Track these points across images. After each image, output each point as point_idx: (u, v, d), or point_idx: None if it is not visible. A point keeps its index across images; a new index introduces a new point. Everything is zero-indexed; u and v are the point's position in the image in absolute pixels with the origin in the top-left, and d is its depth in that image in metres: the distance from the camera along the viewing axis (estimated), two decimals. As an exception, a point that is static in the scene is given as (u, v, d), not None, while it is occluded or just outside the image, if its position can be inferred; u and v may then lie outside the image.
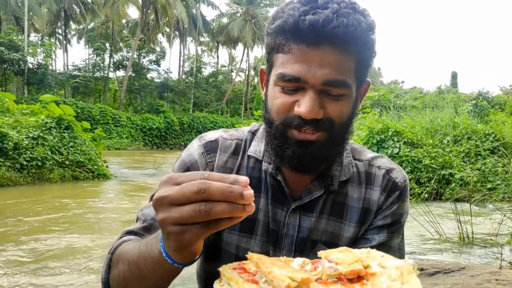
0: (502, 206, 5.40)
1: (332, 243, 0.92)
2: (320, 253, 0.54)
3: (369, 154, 1.00)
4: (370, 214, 0.93)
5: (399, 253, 0.95)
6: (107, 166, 11.71)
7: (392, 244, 0.93)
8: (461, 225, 5.50)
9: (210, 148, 0.97)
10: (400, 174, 0.96)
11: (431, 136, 9.71)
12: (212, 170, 0.94)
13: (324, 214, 0.93)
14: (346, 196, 0.94)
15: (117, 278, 0.77)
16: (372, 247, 0.87)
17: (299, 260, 0.55)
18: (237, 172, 0.94)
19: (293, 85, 0.80)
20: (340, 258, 0.51)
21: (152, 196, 0.93)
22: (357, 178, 0.96)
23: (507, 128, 9.51)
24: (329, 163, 0.91)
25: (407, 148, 9.25)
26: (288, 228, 0.92)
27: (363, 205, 0.94)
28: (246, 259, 0.96)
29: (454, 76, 41.15)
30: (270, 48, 0.84)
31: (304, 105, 0.79)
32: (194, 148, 0.98)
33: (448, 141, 9.45)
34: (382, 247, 0.91)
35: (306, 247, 0.93)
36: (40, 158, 9.80)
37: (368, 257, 0.52)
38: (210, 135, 0.99)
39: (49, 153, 10.07)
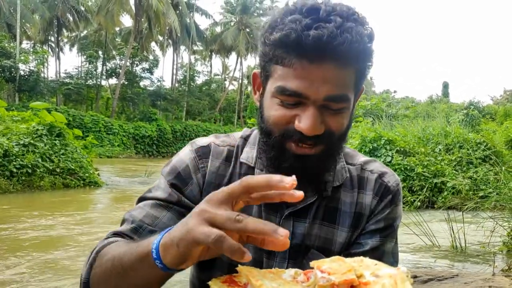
0: (494, 215, 5.43)
1: (325, 249, 0.92)
2: (313, 263, 0.53)
3: (361, 158, 0.99)
4: (363, 219, 0.93)
5: (393, 258, 0.94)
6: (98, 174, 11.61)
7: (385, 249, 0.92)
8: (453, 233, 5.51)
9: (202, 153, 0.95)
10: (392, 178, 0.95)
11: (423, 144, 9.79)
12: (204, 176, 0.93)
13: (317, 219, 0.92)
14: (338, 201, 0.93)
15: (97, 274, 0.74)
16: (365, 251, 0.90)
17: (291, 271, 0.54)
18: (230, 180, 0.93)
19: (294, 99, 0.79)
20: (332, 268, 0.50)
21: (140, 198, 0.93)
22: (349, 183, 0.95)
23: (498, 137, 9.62)
24: (323, 173, 0.91)
25: (400, 156, 9.31)
26: None
27: (355, 209, 0.93)
28: (241, 264, 0.95)
29: (445, 86, 41.64)
30: (268, 58, 0.82)
31: (305, 122, 0.78)
32: (185, 153, 0.96)
33: (440, 150, 9.54)
34: (375, 251, 0.91)
35: (300, 254, 0.92)
36: (30, 166, 9.71)
37: (361, 265, 0.51)
38: (202, 141, 0.98)
39: (40, 160, 9.97)
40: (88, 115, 29.31)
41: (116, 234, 0.85)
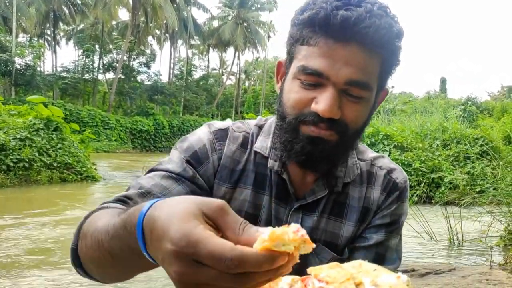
0: (491, 209, 5.47)
1: (331, 243, 0.92)
2: (310, 270, 0.51)
3: (371, 154, 1.00)
4: (370, 213, 0.93)
5: (396, 254, 0.94)
6: (95, 169, 11.58)
7: (389, 244, 0.93)
8: (451, 227, 5.55)
9: (220, 136, 0.94)
10: (400, 175, 0.96)
11: (420, 140, 9.82)
12: (220, 159, 0.92)
13: (325, 213, 0.93)
14: (347, 196, 0.94)
15: (83, 249, 0.66)
16: (369, 245, 0.91)
17: (287, 279, 0.52)
18: (244, 167, 0.93)
19: (314, 79, 0.78)
20: (330, 276, 0.48)
21: (150, 170, 0.90)
22: (358, 178, 0.95)
23: (495, 132, 9.65)
24: (335, 165, 0.90)
25: (397, 151, 9.33)
26: None
27: (363, 204, 0.93)
28: None
29: (443, 81, 41.74)
30: (294, 39, 0.81)
31: (323, 103, 0.77)
32: (203, 132, 0.94)
33: (437, 145, 9.56)
34: (379, 246, 0.91)
35: None
36: (27, 160, 9.66)
37: (360, 271, 0.50)
38: (220, 124, 0.97)
39: (37, 154, 9.94)
40: (85, 109, 29.17)
41: (120, 199, 0.79)
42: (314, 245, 0.44)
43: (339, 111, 0.78)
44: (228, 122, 0.98)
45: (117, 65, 35.25)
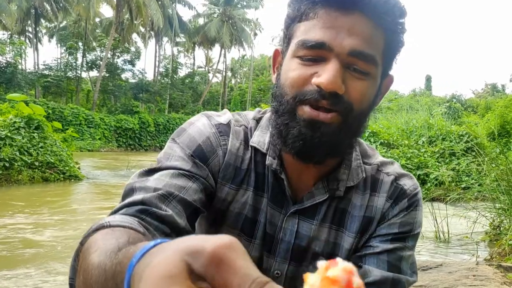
0: (476, 205, 5.51)
1: (333, 254, 0.85)
2: None
3: (379, 158, 0.92)
4: (372, 223, 0.85)
5: (412, 268, 0.85)
6: (79, 168, 11.37)
7: (403, 255, 0.84)
8: (437, 223, 5.57)
9: (224, 130, 0.85)
10: (410, 182, 0.88)
11: (406, 137, 9.90)
12: (224, 155, 0.84)
13: (326, 222, 0.85)
14: (348, 203, 0.86)
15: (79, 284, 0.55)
16: (378, 252, 0.83)
17: None
18: (249, 165, 0.85)
19: (315, 53, 0.72)
20: None
21: (149, 171, 0.78)
22: (362, 184, 0.87)
23: (480, 129, 9.79)
24: (336, 155, 0.81)
25: (384, 148, 9.39)
26: (285, 233, 0.84)
27: (365, 213, 0.85)
28: None
29: (428, 79, 42.32)
30: (291, 19, 0.76)
31: (326, 74, 0.70)
32: (203, 125, 0.85)
33: (423, 142, 9.65)
34: (390, 254, 0.83)
35: (306, 258, 0.85)
36: (8, 159, 9.40)
37: None
38: (221, 118, 0.88)
39: (18, 153, 9.69)
40: (68, 108, 28.67)
41: (133, 204, 0.68)
42: None
43: (343, 86, 0.71)
44: (227, 115, 0.90)
45: (101, 63, 34.76)
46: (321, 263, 0.30)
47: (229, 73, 47.81)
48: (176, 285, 0.30)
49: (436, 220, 5.60)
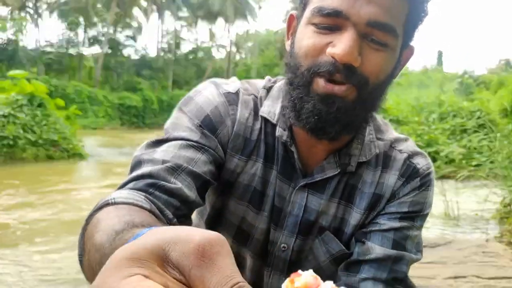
0: (487, 182, 5.47)
1: (339, 230, 0.85)
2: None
3: (392, 134, 0.89)
4: (381, 200, 0.84)
5: (417, 247, 0.85)
6: (83, 146, 11.37)
7: (410, 234, 0.83)
8: (447, 201, 5.52)
9: (232, 100, 0.82)
10: (423, 161, 0.86)
11: (417, 113, 9.79)
12: (233, 125, 0.81)
13: (335, 197, 0.84)
14: (359, 179, 0.84)
15: (85, 264, 0.54)
16: (384, 230, 0.82)
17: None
18: (259, 136, 0.83)
19: (331, 21, 0.68)
20: None
21: (156, 142, 0.76)
22: (374, 160, 0.85)
23: (492, 106, 9.66)
24: (351, 131, 0.79)
25: (393, 125, 9.27)
26: (293, 207, 0.84)
27: (375, 190, 0.84)
28: (249, 232, 0.87)
29: (440, 55, 41.84)
30: None
31: (341, 45, 0.67)
32: (211, 93, 0.82)
33: (434, 119, 9.53)
34: (396, 233, 0.82)
35: (312, 232, 0.85)
36: (11, 137, 9.39)
37: None
38: (229, 86, 0.84)
39: (21, 131, 9.68)
40: (71, 85, 28.57)
41: (141, 177, 0.66)
42: None
43: (359, 58, 0.68)
44: (236, 83, 0.86)
45: (103, 38, 34.43)
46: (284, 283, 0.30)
47: (234, 49, 47.24)
48: (137, 267, 0.28)
49: (446, 197, 5.56)
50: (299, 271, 0.30)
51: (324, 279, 0.31)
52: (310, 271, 0.31)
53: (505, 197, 5.28)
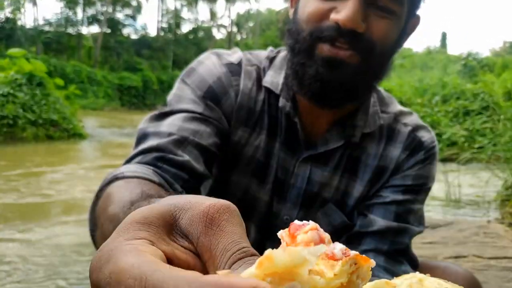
0: (489, 166, 5.46)
1: (342, 202, 0.85)
2: None
3: (397, 107, 0.89)
4: (385, 173, 0.83)
5: (419, 221, 0.85)
6: (83, 126, 11.32)
7: (412, 208, 0.83)
8: (448, 183, 5.52)
9: (234, 70, 0.81)
10: (427, 134, 0.86)
11: (420, 95, 9.72)
12: (237, 96, 0.79)
13: (338, 169, 0.83)
14: (363, 151, 0.84)
15: (98, 236, 0.56)
16: (387, 203, 0.81)
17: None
18: (262, 107, 0.82)
19: None
20: None
21: (161, 114, 0.75)
22: (378, 132, 0.84)
23: (496, 88, 9.60)
24: (354, 99, 0.77)
25: (395, 107, 9.23)
26: (296, 179, 0.83)
27: (378, 162, 0.83)
28: (252, 204, 0.86)
29: (443, 36, 41.46)
30: None
31: (345, 11, 0.66)
32: (213, 64, 0.80)
33: (436, 101, 9.47)
34: (399, 206, 0.82)
35: (315, 204, 0.85)
36: (11, 116, 9.34)
37: None
38: (231, 57, 0.83)
39: (21, 111, 9.62)
40: (70, 65, 28.36)
41: (148, 150, 0.66)
42: (373, 263, 0.25)
43: (363, 24, 0.67)
44: (238, 54, 0.85)
45: (102, 17, 33.99)
46: (281, 233, 0.27)
47: (235, 29, 46.67)
48: (145, 230, 0.27)
49: (447, 180, 5.56)
50: (297, 222, 0.26)
51: None
52: (312, 223, 0.26)
53: (506, 179, 5.27)
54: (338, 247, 0.24)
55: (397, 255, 0.81)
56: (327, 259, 0.24)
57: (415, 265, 0.85)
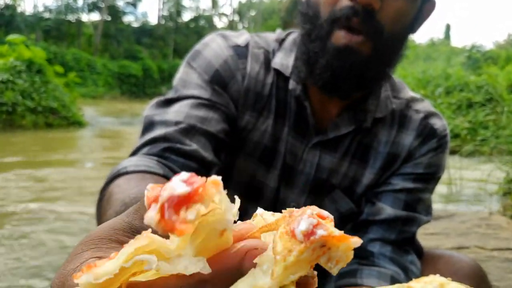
0: (491, 158, 5.43)
1: (350, 189, 0.83)
2: None
3: (409, 93, 0.87)
4: (397, 160, 0.82)
5: (427, 210, 0.83)
6: (82, 114, 11.27)
7: (421, 197, 0.81)
8: (450, 176, 5.49)
9: (241, 52, 0.79)
10: (440, 122, 0.85)
11: (422, 87, 9.64)
12: (244, 79, 0.76)
13: (347, 156, 0.82)
14: (374, 138, 0.82)
15: None
16: (396, 190, 0.79)
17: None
18: (270, 91, 0.79)
19: None
20: None
21: (166, 101, 0.73)
22: (390, 118, 0.82)
23: (500, 81, 9.53)
24: (363, 88, 0.76)
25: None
26: (305, 165, 0.82)
27: (390, 150, 0.82)
28: (259, 190, 0.83)
29: (447, 28, 41.32)
30: None
31: None
32: (219, 46, 0.78)
33: (440, 93, 9.40)
34: (408, 194, 0.80)
35: (323, 190, 0.83)
36: (10, 104, 9.30)
37: None
38: (238, 39, 0.80)
39: (20, 98, 9.57)
40: (69, 52, 28.19)
41: (156, 140, 0.65)
42: (354, 243, 0.22)
43: (379, 1, 0.66)
44: (245, 36, 0.81)
45: (102, 5, 33.75)
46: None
47: (236, 17, 46.35)
48: (88, 249, 0.27)
49: (449, 172, 5.53)
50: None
51: None
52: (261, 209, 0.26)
53: (509, 172, 5.24)
54: (303, 225, 0.20)
55: (403, 244, 0.80)
56: (289, 237, 0.20)
57: (420, 254, 0.83)
